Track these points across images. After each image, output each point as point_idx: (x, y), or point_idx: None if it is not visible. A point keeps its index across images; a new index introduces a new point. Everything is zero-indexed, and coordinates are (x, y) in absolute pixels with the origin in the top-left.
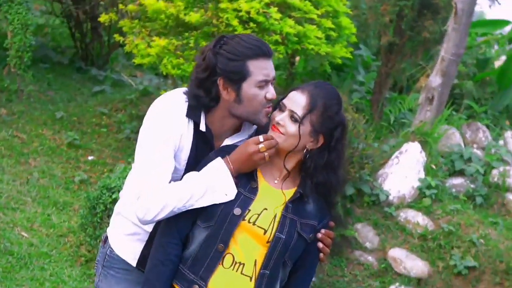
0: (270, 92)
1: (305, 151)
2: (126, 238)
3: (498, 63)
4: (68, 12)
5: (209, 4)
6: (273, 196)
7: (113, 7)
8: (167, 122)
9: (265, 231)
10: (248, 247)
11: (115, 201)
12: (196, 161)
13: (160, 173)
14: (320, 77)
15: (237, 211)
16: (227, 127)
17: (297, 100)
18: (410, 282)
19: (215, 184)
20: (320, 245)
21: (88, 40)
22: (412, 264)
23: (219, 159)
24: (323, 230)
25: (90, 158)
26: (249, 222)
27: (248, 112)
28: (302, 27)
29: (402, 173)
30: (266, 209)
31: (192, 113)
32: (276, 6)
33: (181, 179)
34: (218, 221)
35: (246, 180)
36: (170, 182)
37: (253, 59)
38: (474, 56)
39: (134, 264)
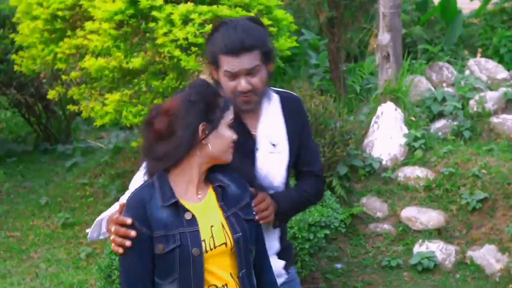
0: (240, 84)
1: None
2: None
3: (437, 0)
4: (15, 101)
5: (147, 45)
6: (207, 210)
7: (56, 80)
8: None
9: (225, 244)
10: (220, 267)
11: None
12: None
13: None
14: (275, 74)
15: (195, 251)
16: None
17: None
18: (432, 235)
19: None
20: (257, 217)
21: (44, 120)
22: (427, 217)
23: None
24: (253, 203)
25: (87, 231)
26: (211, 250)
27: (226, 92)
28: None
29: (386, 135)
30: (212, 226)
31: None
32: (209, 23)
33: None
34: (182, 270)
35: (175, 217)
36: None
37: (222, 54)
38: (412, 2)
39: None
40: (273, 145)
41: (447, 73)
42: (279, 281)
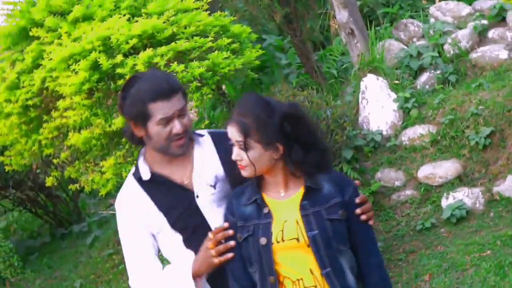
0: (175, 127)
1: (279, 161)
2: None
3: None
4: (18, 200)
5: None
6: (286, 207)
7: (49, 166)
8: (122, 218)
9: (297, 239)
10: (295, 262)
11: None
12: (169, 206)
13: (140, 265)
14: (251, 86)
15: (262, 240)
16: (167, 162)
17: (232, 134)
18: (454, 185)
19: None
20: (364, 217)
21: (51, 208)
22: (444, 169)
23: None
24: (357, 199)
25: None
26: (278, 242)
27: (159, 146)
28: (207, 60)
29: (377, 106)
30: (286, 221)
31: (136, 172)
32: (173, 61)
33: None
34: (256, 259)
35: (256, 211)
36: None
37: (152, 102)
38: None
39: None
40: (213, 186)
41: (413, 27)
42: None
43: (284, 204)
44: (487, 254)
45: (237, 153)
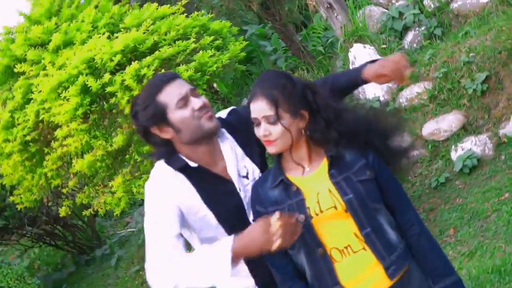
0: (195, 103)
1: (303, 132)
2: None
3: None
4: (35, 236)
5: (118, 120)
6: (315, 180)
7: (60, 196)
8: (155, 199)
9: (335, 207)
10: (338, 230)
11: None
12: (213, 197)
13: (164, 245)
14: (242, 79)
15: (301, 218)
16: (203, 155)
17: (260, 108)
18: (460, 136)
19: (212, 271)
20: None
21: (69, 237)
22: (447, 123)
23: (227, 245)
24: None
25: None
26: (317, 215)
27: (191, 132)
28: (194, 62)
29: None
30: (319, 192)
31: (174, 162)
32: (160, 69)
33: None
34: (299, 238)
35: (284, 192)
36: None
37: (160, 92)
38: None
39: None
40: (245, 176)
41: None
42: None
43: (311, 178)
44: (505, 198)
45: (265, 128)
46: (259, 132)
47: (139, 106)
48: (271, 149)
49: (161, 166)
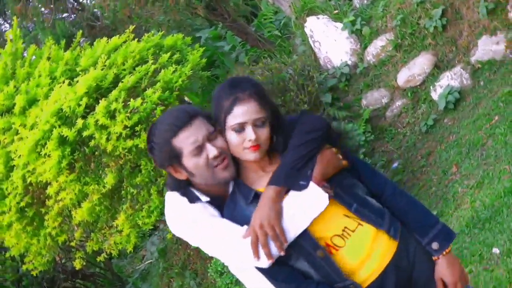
0: (210, 151)
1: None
2: None
3: None
4: None
5: (103, 160)
6: None
7: (70, 251)
8: (197, 210)
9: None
10: (329, 217)
11: None
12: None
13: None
14: (210, 85)
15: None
16: (218, 193)
17: (250, 110)
18: (435, 75)
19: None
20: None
21: (92, 287)
22: (419, 66)
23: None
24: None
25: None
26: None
27: (205, 179)
28: (159, 83)
29: (330, 42)
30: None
31: (187, 195)
32: (129, 99)
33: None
34: (292, 245)
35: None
36: None
37: (175, 137)
38: None
39: None
40: None
41: None
42: None
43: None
44: (496, 121)
45: (253, 132)
46: (246, 136)
47: (155, 144)
48: (256, 155)
49: (178, 197)
